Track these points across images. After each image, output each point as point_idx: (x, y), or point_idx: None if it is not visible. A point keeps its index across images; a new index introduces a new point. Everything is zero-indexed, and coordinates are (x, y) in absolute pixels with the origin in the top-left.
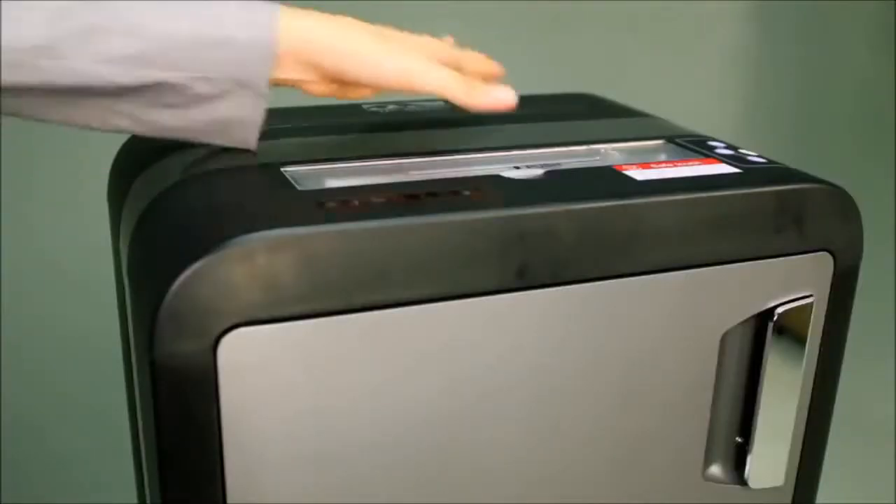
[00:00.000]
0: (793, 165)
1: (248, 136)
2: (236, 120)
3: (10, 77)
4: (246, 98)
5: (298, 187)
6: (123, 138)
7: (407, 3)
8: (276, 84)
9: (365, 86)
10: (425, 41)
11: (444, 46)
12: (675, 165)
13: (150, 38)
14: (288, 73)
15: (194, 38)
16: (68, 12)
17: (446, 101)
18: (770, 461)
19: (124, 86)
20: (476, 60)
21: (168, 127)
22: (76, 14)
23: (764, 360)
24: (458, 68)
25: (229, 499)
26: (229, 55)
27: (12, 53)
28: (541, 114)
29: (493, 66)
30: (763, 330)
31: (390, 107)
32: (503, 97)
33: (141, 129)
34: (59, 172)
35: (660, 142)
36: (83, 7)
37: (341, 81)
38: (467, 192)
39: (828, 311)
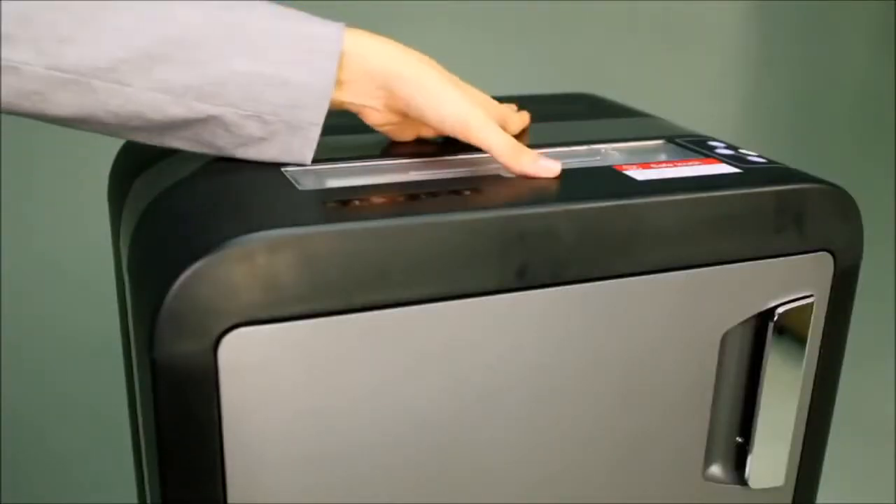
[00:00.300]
0: (793, 165)
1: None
2: (281, 162)
3: (60, 98)
4: (294, 143)
5: (298, 187)
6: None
7: (407, 3)
8: (340, 107)
9: (424, 124)
10: (483, 96)
11: (495, 103)
12: (675, 165)
13: (208, 71)
14: (355, 96)
15: (251, 75)
16: (131, 38)
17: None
18: (770, 461)
19: (174, 117)
20: (511, 108)
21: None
22: (137, 40)
23: (764, 360)
24: (504, 125)
25: (229, 498)
26: (284, 95)
27: (71, 73)
28: (541, 114)
29: (523, 115)
30: (763, 330)
31: None
32: (548, 167)
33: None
34: (59, 172)
35: (660, 142)
36: (144, 34)
37: (404, 114)
38: (467, 192)
39: (828, 311)
